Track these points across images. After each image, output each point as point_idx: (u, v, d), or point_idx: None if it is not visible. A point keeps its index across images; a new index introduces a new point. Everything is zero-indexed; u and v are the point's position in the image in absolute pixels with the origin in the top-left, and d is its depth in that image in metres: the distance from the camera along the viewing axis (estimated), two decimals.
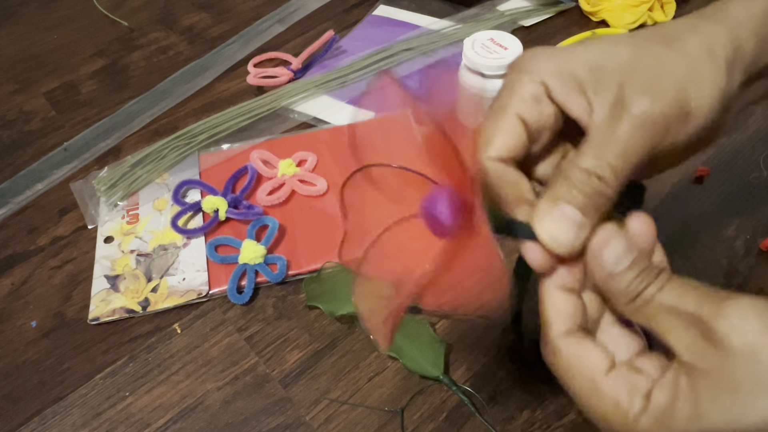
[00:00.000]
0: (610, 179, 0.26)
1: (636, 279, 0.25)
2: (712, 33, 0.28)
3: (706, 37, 0.28)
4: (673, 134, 0.27)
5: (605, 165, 0.26)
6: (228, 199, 0.52)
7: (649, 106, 0.26)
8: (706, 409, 0.22)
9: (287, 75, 0.65)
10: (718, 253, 0.46)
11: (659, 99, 0.26)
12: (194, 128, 0.60)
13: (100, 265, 0.50)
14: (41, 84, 0.70)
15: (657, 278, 0.25)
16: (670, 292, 0.24)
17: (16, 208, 0.56)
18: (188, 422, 0.41)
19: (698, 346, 0.23)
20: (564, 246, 0.26)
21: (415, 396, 0.41)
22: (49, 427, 0.42)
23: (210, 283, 0.48)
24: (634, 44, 0.28)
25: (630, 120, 0.26)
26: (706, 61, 0.27)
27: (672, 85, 0.27)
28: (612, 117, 0.26)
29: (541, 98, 0.28)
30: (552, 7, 0.72)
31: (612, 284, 0.25)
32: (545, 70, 0.28)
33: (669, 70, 0.27)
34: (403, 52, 0.67)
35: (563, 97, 0.27)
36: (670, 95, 0.26)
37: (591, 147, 0.26)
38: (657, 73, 0.27)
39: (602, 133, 0.26)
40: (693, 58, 0.27)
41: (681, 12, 0.70)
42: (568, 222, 0.26)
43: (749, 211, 0.49)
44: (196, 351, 0.45)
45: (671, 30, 0.28)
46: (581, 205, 0.26)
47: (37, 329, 0.47)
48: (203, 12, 0.79)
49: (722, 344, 0.22)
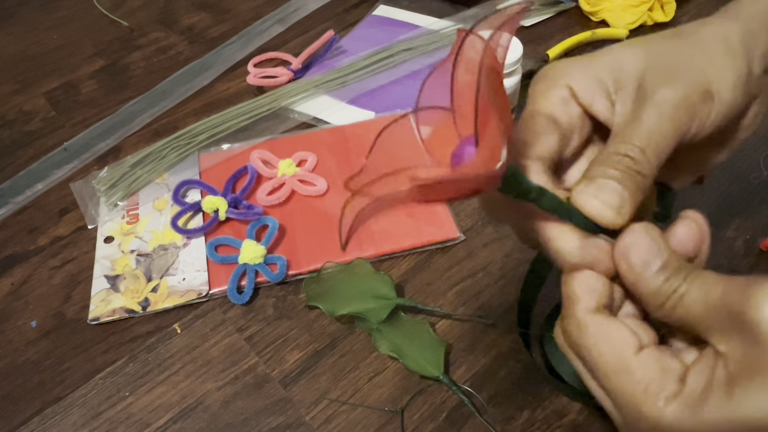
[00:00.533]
0: (641, 159, 0.26)
1: (666, 282, 0.24)
2: (725, 24, 0.28)
3: (720, 28, 0.28)
4: (700, 118, 0.27)
5: (634, 147, 0.26)
6: (228, 199, 0.52)
7: (671, 92, 0.26)
8: (739, 400, 0.21)
9: (287, 75, 0.65)
10: (718, 253, 0.46)
11: (679, 84, 0.26)
12: (194, 128, 0.60)
13: (100, 265, 0.50)
14: (41, 84, 0.70)
15: (689, 276, 0.24)
16: (697, 287, 0.24)
17: (16, 208, 0.56)
18: (188, 422, 0.41)
19: (733, 336, 0.22)
20: (610, 214, 0.25)
21: (415, 396, 0.41)
22: (49, 427, 0.42)
23: (210, 283, 0.48)
24: (649, 43, 0.29)
25: (653, 106, 0.26)
26: (722, 48, 0.27)
27: (690, 70, 0.27)
28: (635, 108, 0.27)
29: (569, 101, 0.28)
30: (552, 7, 0.72)
31: (641, 287, 0.25)
32: (569, 75, 0.28)
33: (685, 58, 0.27)
34: (403, 52, 0.67)
35: (588, 99, 0.28)
36: (689, 79, 0.27)
37: (617, 135, 0.27)
38: (674, 63, 0.27)
39: (627, 123, 0.27)
40: (708, 45, 0.28)
41: (681, 12, 0.70)
42: (610, 190, 0.25)
43: (749, 211, 0.49)
44: (196, 351, 0.45)
45: (684, 27, 0.29)
46: (619, 179, 0.25)
47: (37, 329, 0.47)
48: (203, 12, 0.79)
49: (755, 333, 0.21)
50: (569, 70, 0.29)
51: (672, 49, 0.28)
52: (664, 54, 0.28)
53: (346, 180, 0.24)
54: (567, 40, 0.66)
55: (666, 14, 0.69)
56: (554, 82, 0.29)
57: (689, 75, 0.27)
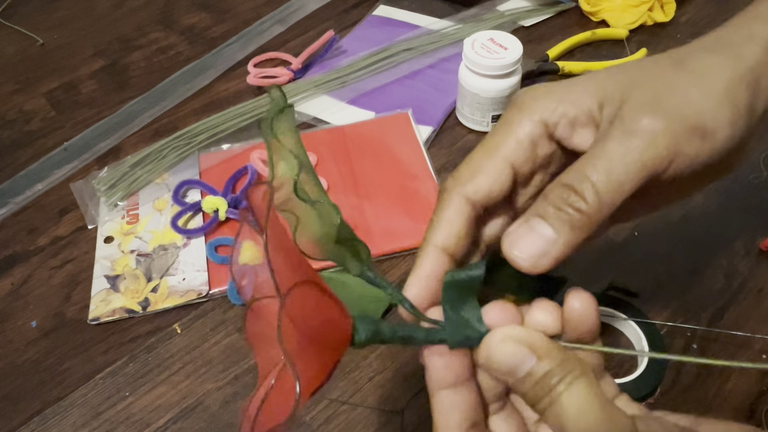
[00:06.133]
0: (589, 196, 0.23)
1: (538, 385, 0.23)
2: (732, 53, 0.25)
3: (725, 60, 0.25)
4: (685, 155, 0.24)
5: (585, 180, 0.23)
6: (228, 199, 0.52)
7: (651, 122, 0.23)
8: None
9: (287, 75, 0.65)
10: (718, 253, 0.46)
11: (663, 114, 0.24)
12: (194, 128, 0.60)
13: (100, 265, 0.50)
14: (41, 84, 0.70)
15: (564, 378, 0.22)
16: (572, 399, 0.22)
17: (16, 208, 0.56)
18: (188, 422, 0.41)
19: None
20: (527, 261, 0.23)
21: (415, 396, 0.41)
22: (49, 427, 0.42)
23: (210, 283, 0.48)
24: (641, 67, 0.26)
25: (623, 135, 0.23)
26: (723, 83, 0.24)
27: (682, 102, 0.24)
28: (604, 134, 0.24)
29: (540, 141, 0.26)
30: (552, 7, 0.72)
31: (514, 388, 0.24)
32: (546, 108, 0.26)
33: (678, 90, 0.24)
34: (403, 52, 0.67)
35: (566, 133, 0.26)
36: (677, 111, 0.24)
37: (576, 163, 0.24)
38: (664, 91, 0.24)
39: (591, 150, 0.24)
40: (709, 78, 0.24)
41: (681, 12, 0.70)
42: (534, 236, 0.23)
43: (749, 211, 0.49)
44: (196, 351, 0.45)
45: (683, 52, 0.26)
46: (553, 220, 0.23)
47: (37, 329, 0.47)
48: (203, 12, 0.79)
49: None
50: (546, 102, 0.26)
51: (667, 78, 0.25)
52: (654, 82, 0.25)
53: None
54: (567, 40, 0.66)
55: (666, 14, 0.69)
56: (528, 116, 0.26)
57: (679, 107, 0.24)
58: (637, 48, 0.65)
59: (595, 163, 0.24)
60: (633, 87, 0.25)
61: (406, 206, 0.52)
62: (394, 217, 0.51)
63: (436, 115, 0.60)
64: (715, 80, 0.24)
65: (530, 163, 0.26)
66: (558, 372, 0.23)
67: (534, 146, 0.26)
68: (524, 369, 0.23)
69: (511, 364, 0.23)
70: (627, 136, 0.23)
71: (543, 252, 0.23)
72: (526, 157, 0.26)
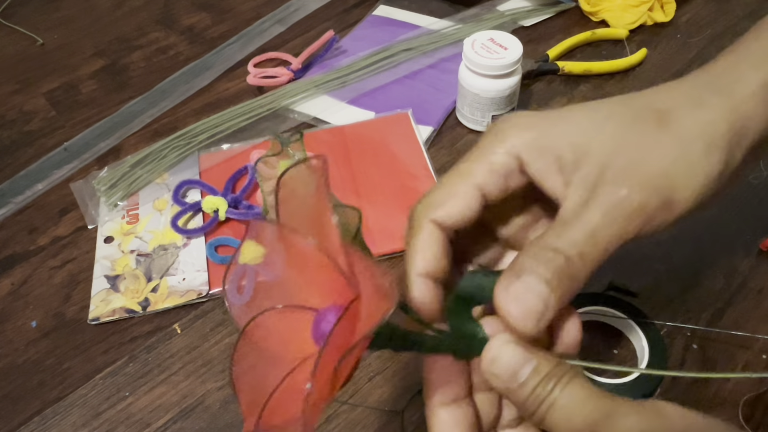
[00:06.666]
0: (577, 263, 0.24)
1: (536, 389, 0.23)
2: (714, 108, 0.25)
3: (706, 114, 0.25)
4: (654, 225, 0.25)
5: (573, 248, 0.24)
6: (228, 199, 0.52)
7: (629, 196, 0.24)
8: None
9: (287, 75, 0.65)
10: (718, 253, 0.46)
11: (639, 189, 0.25)
12: (194, 128, 0.60)
13: (100, 265, 0.50)
14: (41, 84, 0.70)
15: (559, 382, 0.23)
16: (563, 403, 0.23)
17: (16, 208, 0.56)
18: (188, 422, 0.41)
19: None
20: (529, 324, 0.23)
21: (415, 396, 0.41)
22: (49, 427, 0.42)
23: (210, 283, 0.48)
24: (623, 119, 0.26)
25: (605, 207, 0.24)
26: (701, 145, 0.25)
27: (656, 172, 0.25)
28: (585, 201, 0.25)
29: (512, 173, 0.27)
30: (552, 7, 0.72)
31: (512, 397, 0.24)
32: (523, 143, 0.26)
33: (656, 153, 0.25)
34: (403, 52, 0.67)
35: (540, 174, 0.26)
36: (652, 185, 0.25)
37: (560, 227, 0.25)
38: (641, 157, 0.25)
39: (573, 216, 0.25)
40: (686, 140, 0.25)
41: (681, 12, 0.70)
42: (533, 295, 0.24)
43: (749, 211, 0.49)
44: (196, 351, 0.45)
45: (668, 101, 0.26)
46: (548, 280, 0.24)
47: (37, 329, 0.47)
48: (203, 12, 0.79)
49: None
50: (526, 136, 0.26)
51: (645, 136, 0.25)
52: (634, 140, 0.25)
53: None
54: (567, 40, 0.66)
55: (666, 14, 0.69)
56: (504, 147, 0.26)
57: (653, 179, 0.25)
58: (637, 48, 0.65)
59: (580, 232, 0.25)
60: (613, 149, 0.25)
61: (407, 206, 0.51)
62: (394, 217, 0.51)
63: (436, 115, 0.60)
64: (694, 142, 0.25)
65: (502, 192, 0.27)
66: (556, 373, 0.23)
67: (506, 178, 0.27)
68: (525, 372, 0.23)
69: (514, 368, 0.24)
70: (607, 210, 0.25)
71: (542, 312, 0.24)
72: (498, 185, 0.27)
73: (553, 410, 0.23)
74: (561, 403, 0.23)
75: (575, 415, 0.22)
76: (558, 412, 0.23)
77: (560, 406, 0.23)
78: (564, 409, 0.23)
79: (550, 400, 0.23)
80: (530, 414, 0.24)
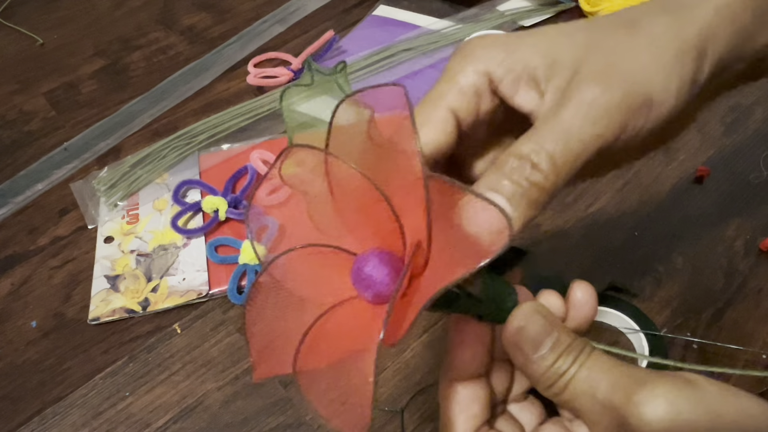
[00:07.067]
0: (546, 168, 0.23)
1: (557, 362, 0.23)
2: (684, 17, 0.25)
3: (675, 23, 0.25)
4: (633, 126, 0.24)
5: (541, 151, 0.23)
6: (228, 199, 0.52)
7: (605, 93, 0.23)
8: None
9: (287, 75, 0.65)
10: (718, 253, 0.46)
11: (617, 85, 0.23)
12: (194, 128, 0.60)
13: (100, 265, 0.50)
14: (41, 84, 0.70)
15: (579, 356, 0.23)
16: (588, 372, 0.22)
17: (16, 208, 0.56)
18: (188, 422, 0.41)
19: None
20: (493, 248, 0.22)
21: (415, 396, 0.41)
22: (49, 427, 0.42)
23: (210, 283, 0.48)
24: (594, 29, 0.25)
25: (579, 105, 0.23)
26: (672, 49, 0.24)
27: (632, 70, 0.24)
28: (558, 104, 0.23)
29: (483, 92, 0.25)
30: (552, 7, 0.72)
31: (531, 369, 0.23)
32: (492, 59, 0.25)
33: (630, 55, 0.24)
34: (403, 52, 0.67)
35: (511, 90, 0.25)
36: (629, 82, 0.23)
37: (531, 133, 0.23)
38: (615, 59, 0.24)
39: (545, 120, 0.23)
40: (658, 43, 0.24)
41: None
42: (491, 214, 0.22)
43: (749, 211, 0.49)
44: (196, 351, 0.45)
45: (636, 14, 0.25)
46: (509, 194, 0.22)
47: (37, 329, 0.47)
48: (203, 12, 0.79)
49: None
50: (494, 53, 0.25)
51: (617, 40, 0.24)
52: (607, 48, 0.24)
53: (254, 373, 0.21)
54: None
55: None
56: (473, 66, 0.25)
57: (631, 76, 0.23)
58: None
59: (551, 133, 0.23)
60: (586, 54, 0.24)
61: None
62: None
63: None
64: (665, 46, 0.24)
65: (473, 115, 0.25)
66: (577, 345, 0.23)
67: (477, 97, 0.25)
68: (548, 344, 0.23)
69: (538, 337, 0.23)
70: (582, 107, 0.23)
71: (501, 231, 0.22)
72: (470, 108, 0.25)
73: (575, 381, 0.22)
74: (583, 374, 0.22)
75: (601, 381, 0.22)
76: (581, 383, 0.22)
77: (583, 377, 0.22)
78: (587, 380, 0.22)
79: (572, 372, 0.22)
80: (547, 386, 0.23)
